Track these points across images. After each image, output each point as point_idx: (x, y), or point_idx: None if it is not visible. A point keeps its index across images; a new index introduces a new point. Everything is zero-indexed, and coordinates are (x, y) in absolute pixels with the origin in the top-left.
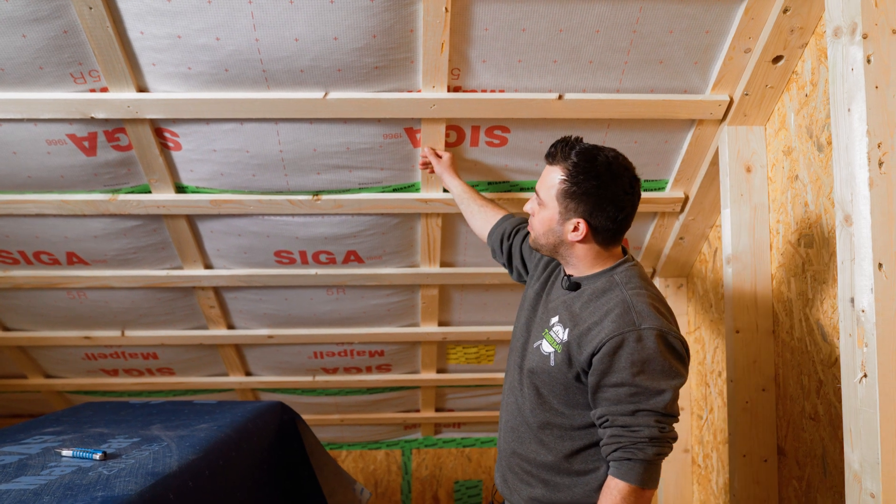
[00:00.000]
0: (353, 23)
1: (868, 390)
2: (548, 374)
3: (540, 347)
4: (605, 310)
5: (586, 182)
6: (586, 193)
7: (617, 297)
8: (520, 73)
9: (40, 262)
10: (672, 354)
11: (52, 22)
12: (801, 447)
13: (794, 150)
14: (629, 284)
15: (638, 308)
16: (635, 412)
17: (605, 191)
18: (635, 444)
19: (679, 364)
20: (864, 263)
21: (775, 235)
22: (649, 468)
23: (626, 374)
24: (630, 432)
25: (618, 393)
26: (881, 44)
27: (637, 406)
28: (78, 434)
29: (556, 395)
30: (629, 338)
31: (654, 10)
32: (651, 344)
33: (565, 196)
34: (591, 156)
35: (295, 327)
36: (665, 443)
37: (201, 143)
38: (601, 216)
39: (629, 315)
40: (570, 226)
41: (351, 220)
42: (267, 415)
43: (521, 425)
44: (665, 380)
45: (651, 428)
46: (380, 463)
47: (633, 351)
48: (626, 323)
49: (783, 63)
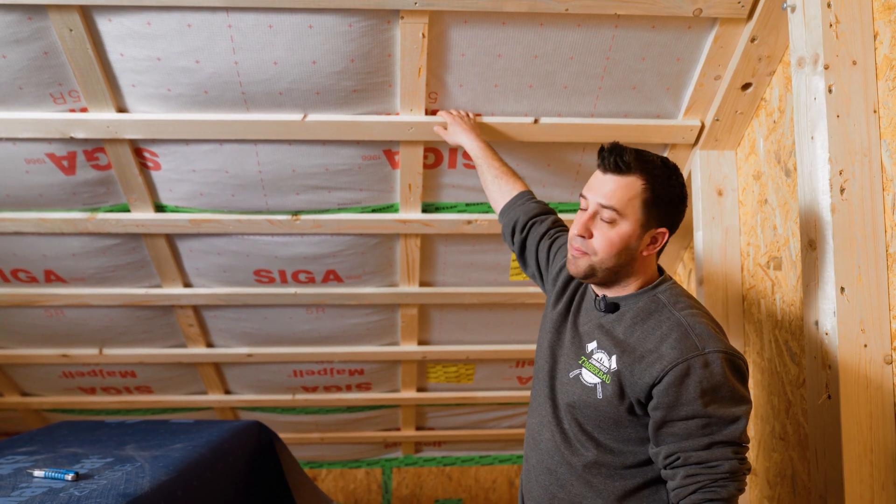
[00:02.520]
0: (332, 47)
1: (831, 411)
2: (593, 409)
3: (580, 378)
4: (658, 334)
5: (673, 188)
6: (674, 200)
7: (670, 320)
8: (496, 98)
9: (18, 279)
10: (738, 378)
11: (33, 43)
12: (772, 467)
13: (764, 175)
14: (678, 304)
15: (697, 331)
16: (710, 445)
17: (682, 191)
18: (715, 481)
19: (744, 387)
20: (828, 287)
21: (746, 258)
22: None
23: (697, 404)
24: (708, 469)
25: (688, 426)
26: (842, 74)
27: (712, 438)
28: (51, 454)
29: (604, 431)
30: (695, 364)
31: (627, 38)
32: (718, 369)
33: (651, 204)
34: (664, 160)
35: (274, 346)
36: (743, 476)
37: (181, 164)
38: (678, 220)
39: (690, 339)
40: (649, 237)
41: (330, 240)
42: (243, 434)
43: (560, 465)
44: (737, 406)
45: (731, 461)
46: (360, 482)
47: (702, 378)
48: (688, 348)
49: (752, 90)
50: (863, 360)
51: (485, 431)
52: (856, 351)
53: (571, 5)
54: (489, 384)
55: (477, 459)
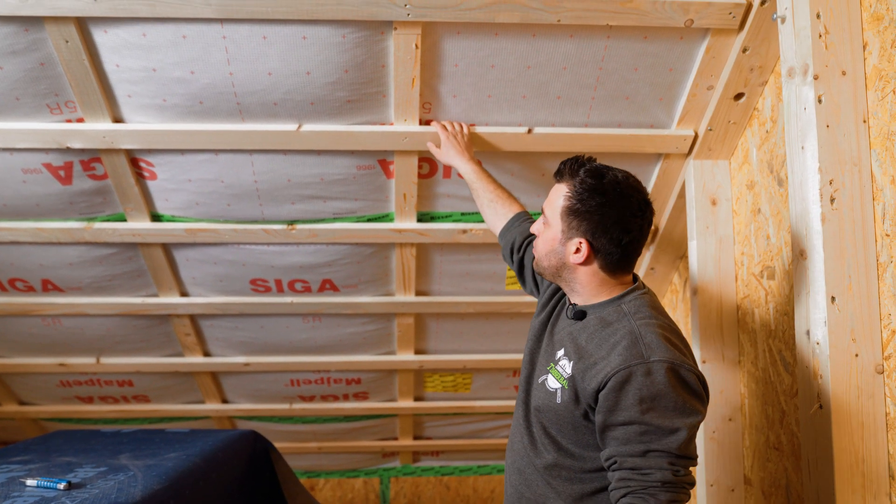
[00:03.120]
0: (326, 58)
1: (823, 421)
2: (554, 413)
3: (546, 383)
4: (611, 342)
5: (591, 199)
6: (590, 211)
7: (624, 329)
8: (490, 108)
9: (15, 288)
10: (685, 389)
11: (30, 54)
12: (767, 477)
13: (757, 185)
14: (638, 314)
15: (647, 340)
16: (646, 453)
17: (610, 210)
18: (646, 488)
19: (694, 400)
20: (818, 297)
21: (740, 267)
22: None
23: (635, 411)
24: (640, 475)
25: (626, 432)
26: (831, 84)
27: (648, 446)
28: (45, 463)
29: (565, 435)
30: (637, 371)
31: (619, 48)
32: (661, 378)
33: (569, 213)
34: (599, 173)
35: (271, 355)
36: (680, 488)
37: (176, 173)
38: (604, 237)
39: (637, 347)
40: (573, 246)
41: (326, 250)
42: (238, 443)
43: (527, 466)
44: (679, 417)
45: (664, 471)
46: (358, 491)
47: (642, 386)
48: (633, 356)
49: (744, 100)
50: (854, 370)
51: (483, 441)
52: (847, 360)
53: (563, 16)
54: (487, 393)
55: (475, 469)
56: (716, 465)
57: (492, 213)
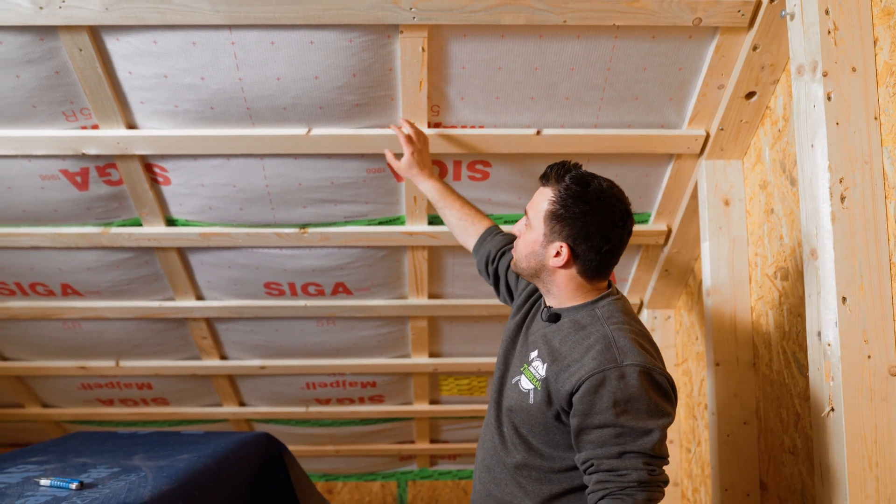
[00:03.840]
0: (333, 62)
1: (835, 425)
2: (527, 413)
3: (519, 384)
4: (585, 345)
5: (575, 206)
6: (573, 217)
7: (598, 333)
8: (498, 110)
9: (36, 293)
10: (657, 392)
11: (45, 63)
12: (782, 481)
13: (770, 184)
14: (611, 319)
15: (620, 344)
16: (621, 454)
17: (593, 218)
18: (623, 489)
19: (665, 402)
20: (829, 297)
21: (754, 268)
22: None
23: (610, 414)
24: (617, 476)
25: (602, 435)
26: (841, 81)
27: (623, 448)
28: (61, 463)
29: (536, 435)
30: (611, 375)
31: (627, 48)
32: (634, 381)
33: (552, 218)
34: (585, 181)
35: (286, 358)
36: (655, 486)
37: (190, 178)
38: (585, 244)
39: (610, 351)
40: (553, 250)
41: (338, 253)
42: (251, 445)
43: (497, 465)
44: (651, 419)
45: (639, 471)
46: (375, 495)
47: (616, 389)
48: (607, 360)
49: (756, 99)
50: (867, 372)
51: None
52: (859, 362)
53: (570, 17)
54: None
55: None
56: (730, 469)
57: (461, 231)
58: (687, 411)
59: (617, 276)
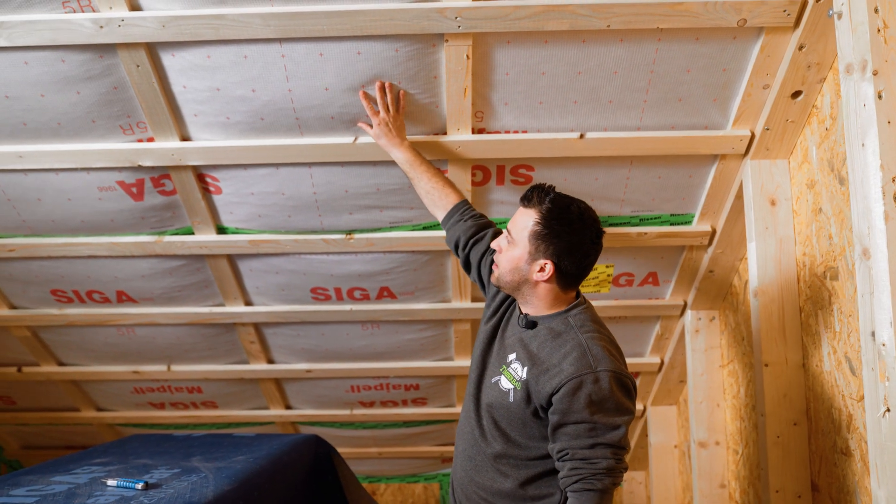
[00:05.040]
0: (380, 71)
1: (891, 425)
2: (507, 410)
3: (499, 383)
4: (562, 352)
5: (558, 226)
6: (558, 237)
7: (573, 341)
8: (541, 114)
9: (92, 300)
10: (624, 393)
11: (104, 79)
12: (835, 482)
13: (817, 184)
14: (584, 328)
15: (594, 352)
16: (594, 446)
17: (575, 237)
18: (594, 475)
19: (629, 401)
20: (883, 297)
21: (802, 268)
22: (606, 498)
23: (585, 412)
24: (589, 464)
25: (577, 429)
26: (891, 80)
27: (595, 440)
28: (123, 465)
29: (514, 429)
30: (587, 380)
31: (670, 50)
32: (606, 385)
33: (537, 237)
34: (565, 204)
35: (332, 362)
36: (619, 473)
37: (240, 187)
38: (568, 260)
39: (586, 358)
40: (537, 266)
41: (383, 258)
42: (302, 447)
43: (478, 454)
44: (619, 416)
45: (608, 459)
46: (418, 497)
47: (591, 392)
48: (583, 366)
49: (802, 98)
50: None
51: None
52: None
53: (613, 21)
54: None
55: None
56: (781, 470)
57: (430, 203)
58: (734, 412)
59: (660, 278)
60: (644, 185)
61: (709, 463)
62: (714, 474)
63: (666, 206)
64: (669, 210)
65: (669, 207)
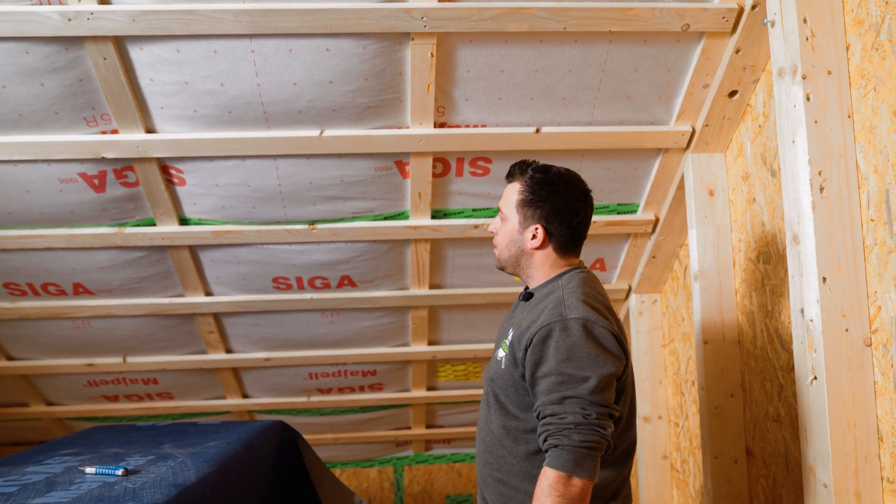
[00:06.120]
0: (347, 68)
1: (818, 391)
2: (501, 378)
3: (496, 356)
4: (541, 308)
5: (542, 190)
6: (542, 200)
7: (554, 296)
8: (500, 110)
9: (47, 293)
10: (597, 343)
11: (69, 71)
12: (767, 447)
13: (751, 176)
14: (568, 285)
15: (568, 302)
16: (562, 400)
17: (560, 196)
18: (561, 430)
19: (607, 354)
20: (811, 278)
21: (737, 253)
22: (577, 455)
23: (553, 362)
24: (557, 419)
25: (548, 383)
26: (818, 84)
27: (563, 394)
28: (95, 454)
29: (509, 398)
30: (555, 327)
31: (620, 51)
32: (576, 332)
33: (523, 205)
34: (545, 169)
35: (291, 350)
36: (592, 430)
37: (205, 179)
38: (557, 220)
39: (559, 308)
40: (529, 233)
41: (345, 247)
42: (270, 433)
43: (487, 435)
44: (591, 368)
45: (576, 414)
46: (373, 480)
47: (559, 339)
48: (554, 315)
49: (738, 97)
50: (845, 344)
51: None
52: (838, 335)
53: (569, 24)
54: None
55: None
56: (719, 439)
57: None
58: (674, 388)
59: (607, 264)
60: (594, 176)
61: (652, 436)
62: (657, 447)
63: (613, 196)
64: (616, 200)
65: (617, 197)
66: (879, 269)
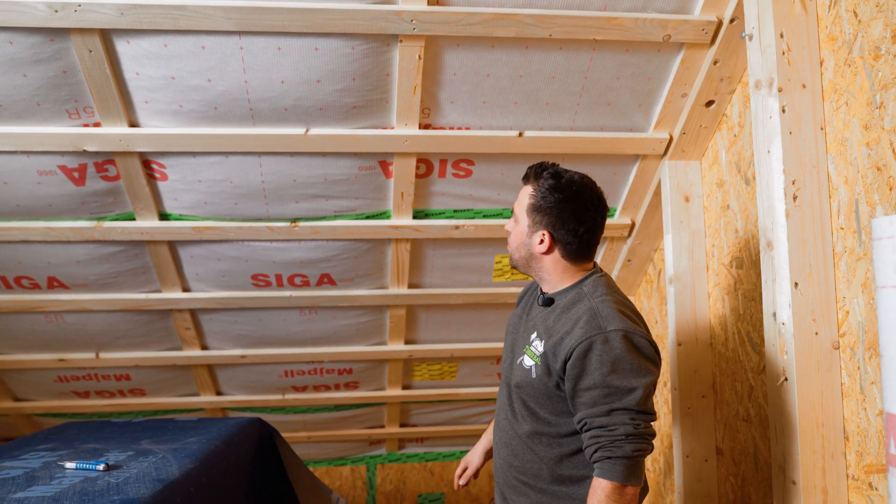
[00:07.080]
0: (335, 67)
1: (788, 392)
2: (531, 387)
3: (522, 363)
4: (574, 319)
5: (551, 196)
6: (551, 206)
7: (585, 306)
8: (484, 113)
9: (20, 286)
10: (639, 353)
11: (53, 63)
12: (737, 446)
13: (726, 183)
14: (595, 293)
15: (604, 313)
16: (610, 412)
17: (567, 205)
18: (612, 442)
19: (648, 362)
20: (784, 283)
21: (711, 258)
22: (629, 465)
23: (598, 375)
24: (607, 432)
25: (592, 395)
26: (793, 96)
27: (611, 406)
28: (72, 449)
29: (541, 405)
30: (596, 341)
31: (603, 59)
32: (618, 344)
33: (533, 210)
34: (558, 175)
35: (267, 347)
36: (642, 439)
37: (187, 174)
38: (563, 229)
39: (596, 320)
40: (537, 238)
41: (326, 245)
42: (247, 429)
43: (513, 439)
44: (635, 378)
45: (626, 425)
46: (345, 479)
47: (602, 352)
48: (593, 328)
49: (714, 107)
50: (814, 347)
51: (465, 427)
52: (808, 338)
53: (555, 31)
54: (471, 381)
55: (458, 455)
56: (690, 438)
57: None
58: None
59: None
60: None
61: None
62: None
63: None
64: None
65: None
66: (848, 276)
